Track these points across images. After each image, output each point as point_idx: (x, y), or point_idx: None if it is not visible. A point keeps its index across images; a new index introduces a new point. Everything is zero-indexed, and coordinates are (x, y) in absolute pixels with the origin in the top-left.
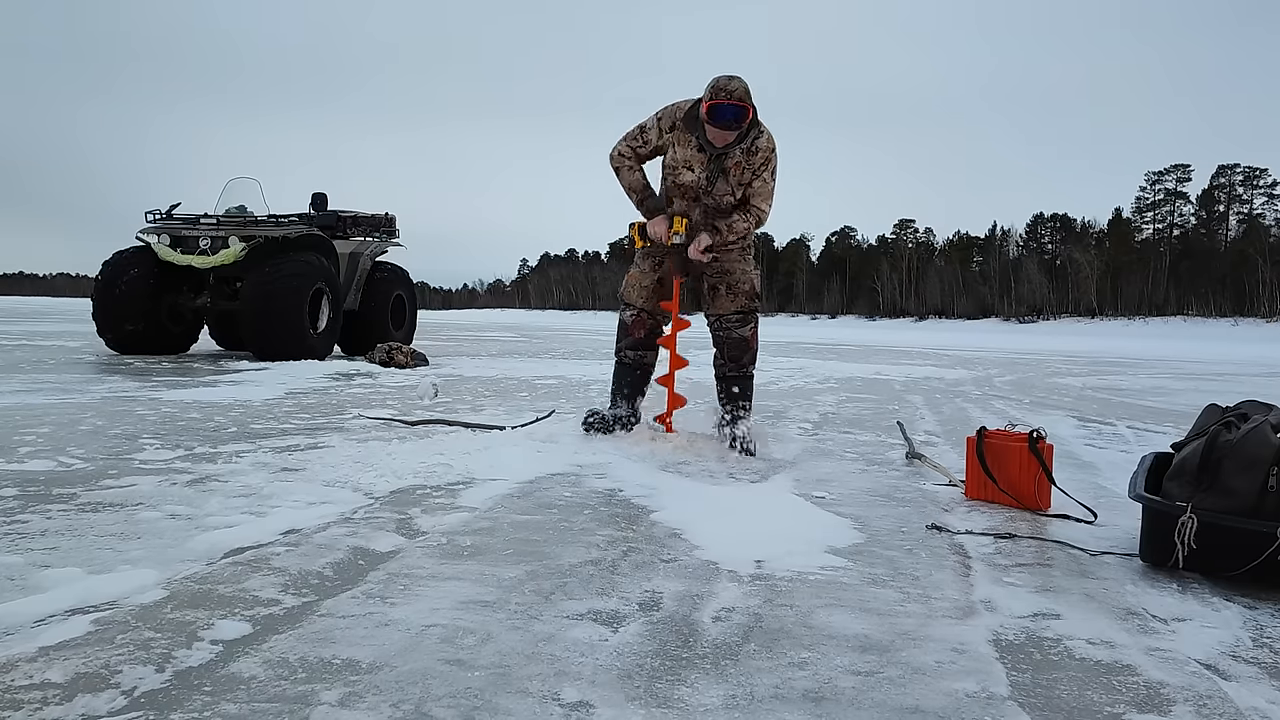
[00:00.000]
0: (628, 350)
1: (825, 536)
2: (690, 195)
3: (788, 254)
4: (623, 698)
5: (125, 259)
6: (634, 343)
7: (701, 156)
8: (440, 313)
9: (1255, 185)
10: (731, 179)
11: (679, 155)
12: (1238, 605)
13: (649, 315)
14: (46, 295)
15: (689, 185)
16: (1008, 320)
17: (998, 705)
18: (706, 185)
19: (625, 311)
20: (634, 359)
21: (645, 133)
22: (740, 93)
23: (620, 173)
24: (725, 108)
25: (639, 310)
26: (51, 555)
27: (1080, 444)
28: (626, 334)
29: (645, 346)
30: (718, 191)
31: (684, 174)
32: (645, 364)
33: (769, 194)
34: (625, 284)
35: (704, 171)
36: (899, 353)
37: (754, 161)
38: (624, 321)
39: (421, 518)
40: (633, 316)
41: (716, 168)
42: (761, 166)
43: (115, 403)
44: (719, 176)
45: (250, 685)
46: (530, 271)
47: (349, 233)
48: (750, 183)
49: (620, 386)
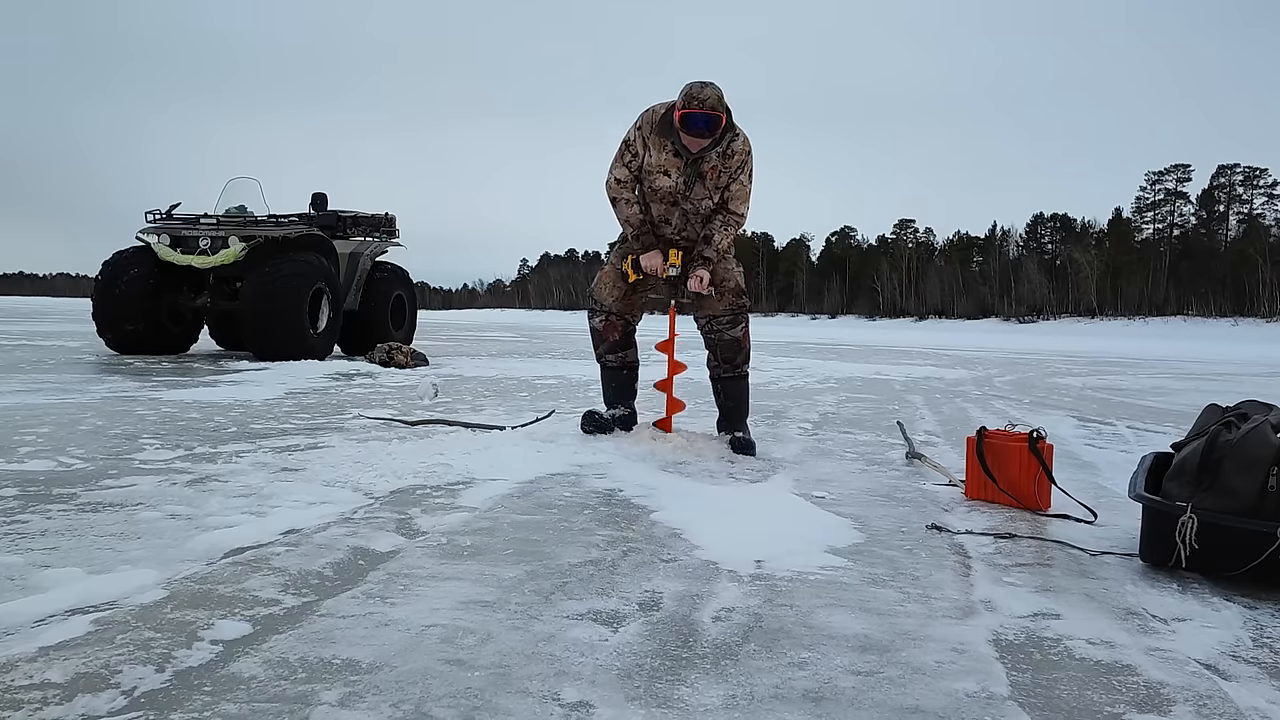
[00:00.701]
0: (608, 355)
1: (825, 536)
2: (668, 200)
3: (788, 254)
4: (623, 698)
5: (125, 259)
6: (611, 346)
7: (678, 161)
8: (440, 313)
9: (1255, 185)
10: (709, 183)
11: (655, 160)
12: (1238, 605)
13: (618, 317)
14: (46, 295)
15: (666, 190)
16: (1008, 320)
17: (998, 705)
18: (684, 190)
19: (594, 318)
20: (617, 361)
21: (630, 146)
22: (712, 101)
23: (617, 205)
24: (697, 116)
25: (607, 314)
26: (51, 555)
27: (1080, 444)
28: (601, 339)
29: (624, 346)
30: (695, 196)
31: (660, 179)
32: (629, 362)
33: (746, 196)
34: (598, 280)
35: (681, 176)
36: (899, 353)
37: (730, 165)
38: (595, 329)
39: (421, 518)
40: (602, 322)
41: (693, 172)
42: (738, 169)
43: (115, 403)
44: (696, 181)
45: (250, 685)
46: (530, 271)
47: (349, 233)
48: (727, 185)
49: (611, 389)
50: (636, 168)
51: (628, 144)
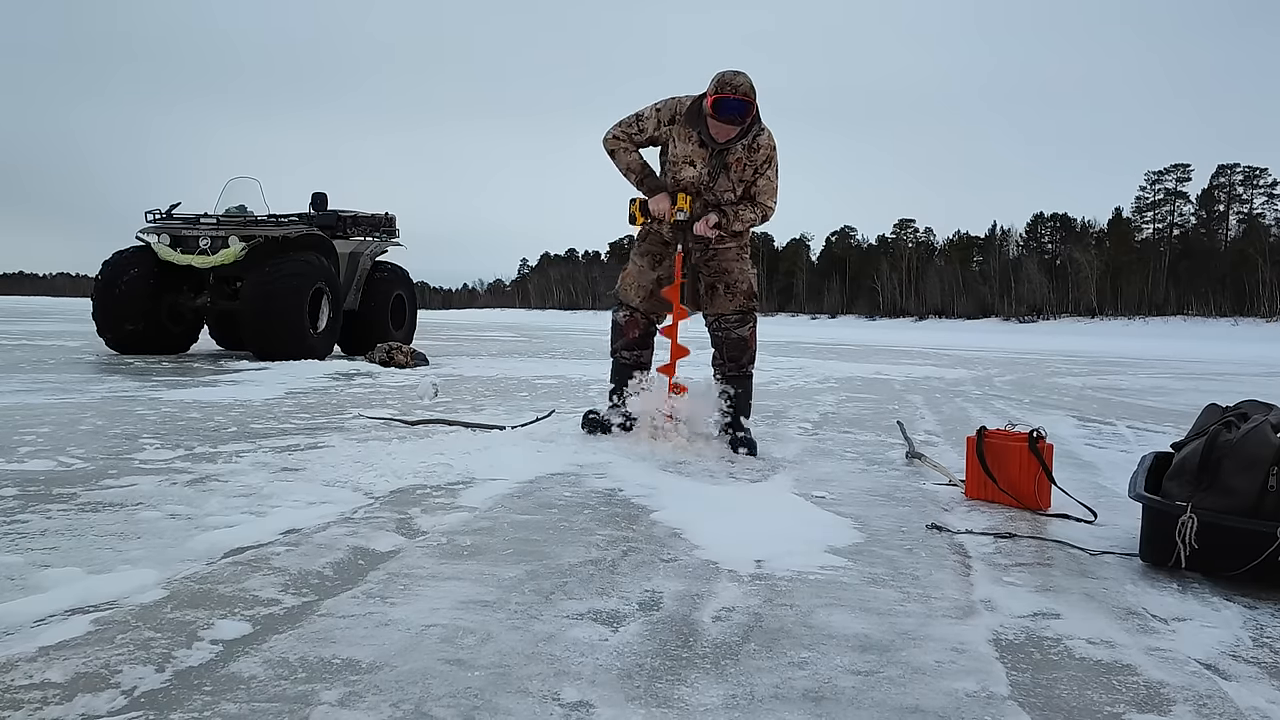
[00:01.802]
0: (623, 351)
1: (825, 536)
2: (691, 191)
3: (788, 254)
4: (623, 697)
5: (125, 259)
6: (629, 343)
7: (703, 152)
8: (440, 313)
9: (1255, 185)
10: (733, 175)
11: (679, 150)
12: (1238, 605)
13: (643, 316)
14: (46, 295)
15: (690, 181)
16: (1008, 320)
17: (998, 705)
18: (708, 181)
19: (619, 312)
20: (631, 359)
21: (642, 120)
22: (745, 88)
23: (616, 154)
24: (730, 101)
25: (633, 311)
26: (51, 555)
27: (1080, 444)
28: (621, 334)
29: (641, 346)
30: (719, 187)
31: (685, 169)
32: (642, 363)
33: (774, 190)
34: (622, 281)
35: (705, 167)
36: (899, 352)
37: (756, 159)
38: (617, 322)
39: (421, 517)
40: (626, 317)
41: (718, 163)
42: (765, 164)
43: (115, 402)
44: (720, 172)
45: (250, 685)
46: (530, 271)
47: (349, 233)
48: (754, 180)
49: (619, 385)
50: (640, 140)
51: (639, 117)
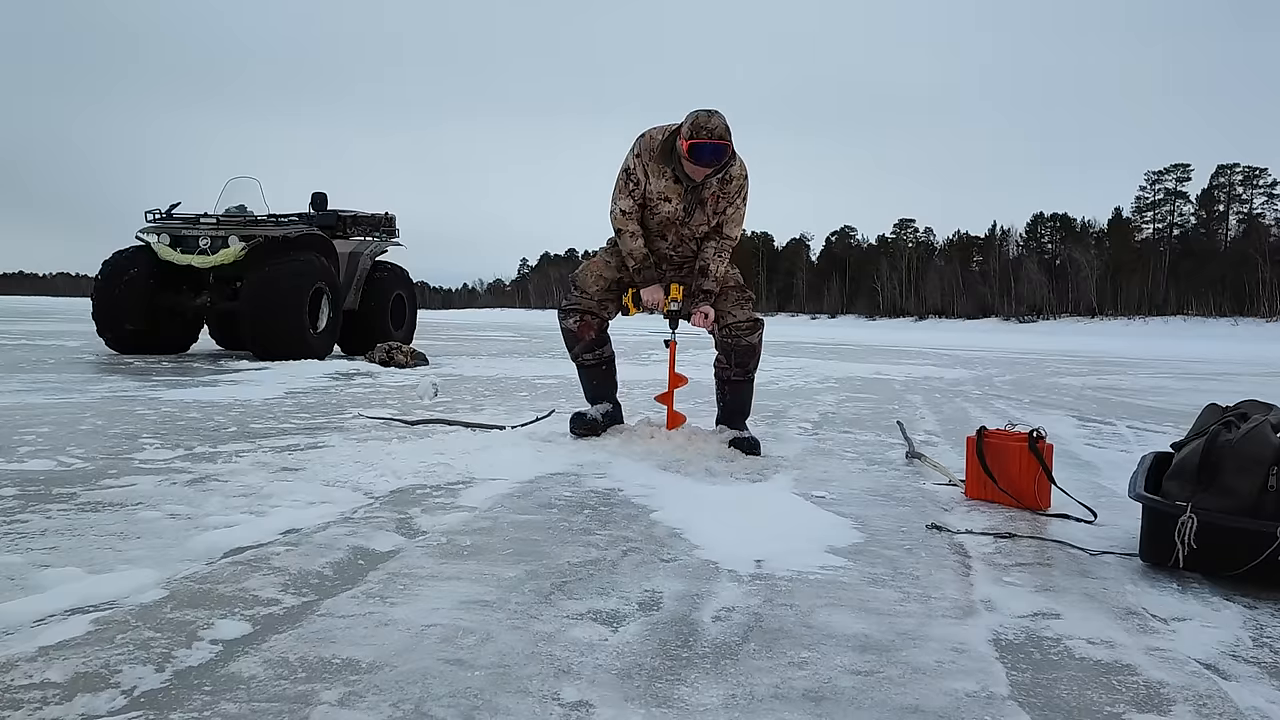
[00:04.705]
0: (584, 354)
1: (825, 536)
2: (668, 226)
3: (788, 254)
4: (622, 697)
5: (125, 259)
6: (588, 345)
7: (678, 188)
8: (440, 312)
9: (1255, 185)
10: (708, 209)
11: (654, 187)
12: (1238, 605)
13: (593, 315)
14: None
15: (667, 217)
16: (1008, 320)
17: (998, 705)
18: (684, 216)
19: (568, 319)
20: (594, 358)
21: (632, 176)
22: (720, 130)
23: (622, 236)
24: (705, 147)
25: (582, 312)
26: (51, 555)
27: (1080, 444)
28: (577, 340)
29: (599, 344)
30: (695, 222)
31: (662, 206)
32: (606, 358)
33: (740, 220)
34: (584, 268)
35: (681, 203)
36: (899, 352)
37: (729, 190)
38: (569, 330)
39: (421, 517)
40: (576, 323)
41: (694, 199)
42: (736, 194)
43: (115, 402)
44: (696, 207)
45: (250, 685)
46: (530, 271)
47: (349, 232)
48: (724, 210)
49: (592, 386)
50: (640, 195)
51: (628, 172)
